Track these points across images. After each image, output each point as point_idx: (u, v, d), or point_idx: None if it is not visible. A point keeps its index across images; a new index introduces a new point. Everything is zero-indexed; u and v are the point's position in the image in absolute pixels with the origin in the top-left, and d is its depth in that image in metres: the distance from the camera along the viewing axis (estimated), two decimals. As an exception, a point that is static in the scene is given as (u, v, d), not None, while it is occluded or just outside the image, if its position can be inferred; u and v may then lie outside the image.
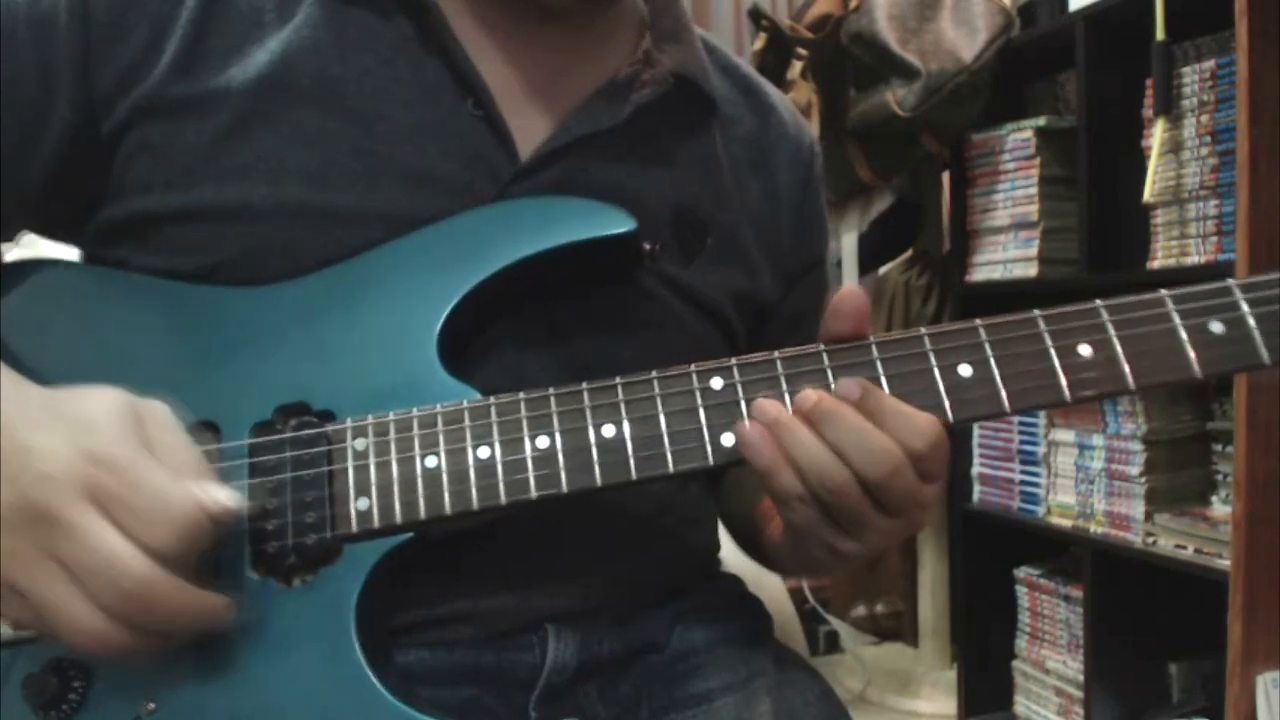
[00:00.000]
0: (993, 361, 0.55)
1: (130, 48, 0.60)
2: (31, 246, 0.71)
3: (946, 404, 0.54)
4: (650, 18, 0.71)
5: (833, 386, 0.54)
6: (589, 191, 0.63)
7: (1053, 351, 0.54)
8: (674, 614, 0.70)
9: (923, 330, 0.56)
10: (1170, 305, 0.54)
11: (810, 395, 0.54)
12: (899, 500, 0.53)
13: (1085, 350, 0.54)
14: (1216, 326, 0.54)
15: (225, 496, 0.49)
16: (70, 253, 0.67)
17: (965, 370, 0.55)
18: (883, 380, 0.55)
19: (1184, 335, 0.54)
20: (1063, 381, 0.54)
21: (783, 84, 2.01)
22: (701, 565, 0.76)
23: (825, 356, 0.56)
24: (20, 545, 0.47)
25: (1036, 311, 0.55)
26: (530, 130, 0.64)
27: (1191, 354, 0.54)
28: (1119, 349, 0.54)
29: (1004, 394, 0.54)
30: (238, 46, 0.61)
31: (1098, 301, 0.55)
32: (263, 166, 0.60)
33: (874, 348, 0.56)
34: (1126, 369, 0.54)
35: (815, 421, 0.53)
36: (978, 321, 0.56)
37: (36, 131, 0.61)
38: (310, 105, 0.60)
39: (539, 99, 0.66)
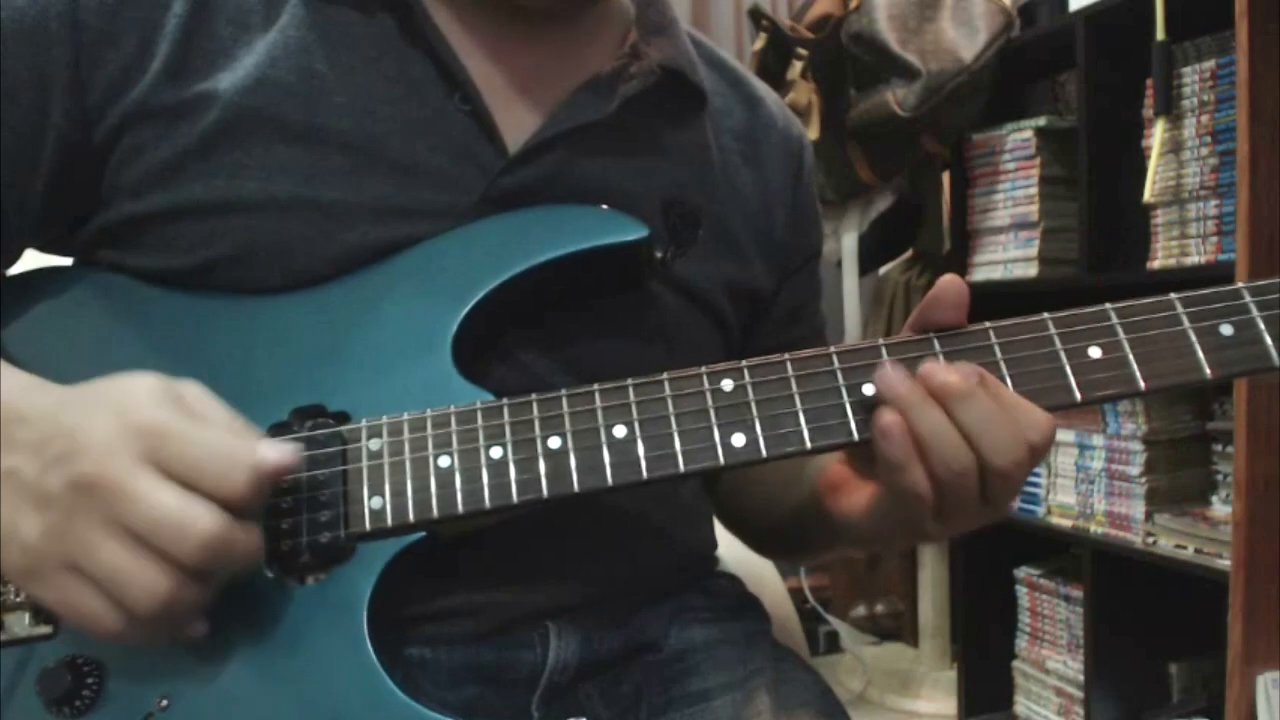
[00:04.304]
0: (1002, 364, 0.55)
1: (120, 53, 0.60)
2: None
3: None
4: (636, 12, 0.71)
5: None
6: (577, 184, 0.64)
7: (1062, 353, 0.55)
8: (672, 612, 0.70)
9: (932, 334, 0.56)
10: (1180, 308, 0.55)
11: (938, 371, 0.53)
12: (1003, 491, 0.54)
13: (1095, 352, 0.55)
14: (1226, 329, 0.54)
15: (280, 448, 0.51)
16: (62, 262, 0.67)
17: None
18: None
19: (1194, 337, 0.54)
20: (1073, 383, 0.54)
21: (783, 84, 2.01)
22: (698, 561, 0.77)
23: (835, 359, 0.56)
24: (77, 522, 0.47)
25: (1046, 314, 0.55)
26: (517, 125, 0.64)
27: (1201, 356, 0.54)
28: (1129, 351, 0.54)
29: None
30: (226, 50, 0.61)
31: (1107, 305, 0.55)
32: (252, 163, 0.60)
33: (884, 350, 0.56)
34: (1137, 371, 0.54)
35: (948, 402, 0.52)
36: (987, 324, 0.56)
37: (37, 144, 0.60)
38: (297, 104, 0.60)
39: (525, 94, 0.66)
